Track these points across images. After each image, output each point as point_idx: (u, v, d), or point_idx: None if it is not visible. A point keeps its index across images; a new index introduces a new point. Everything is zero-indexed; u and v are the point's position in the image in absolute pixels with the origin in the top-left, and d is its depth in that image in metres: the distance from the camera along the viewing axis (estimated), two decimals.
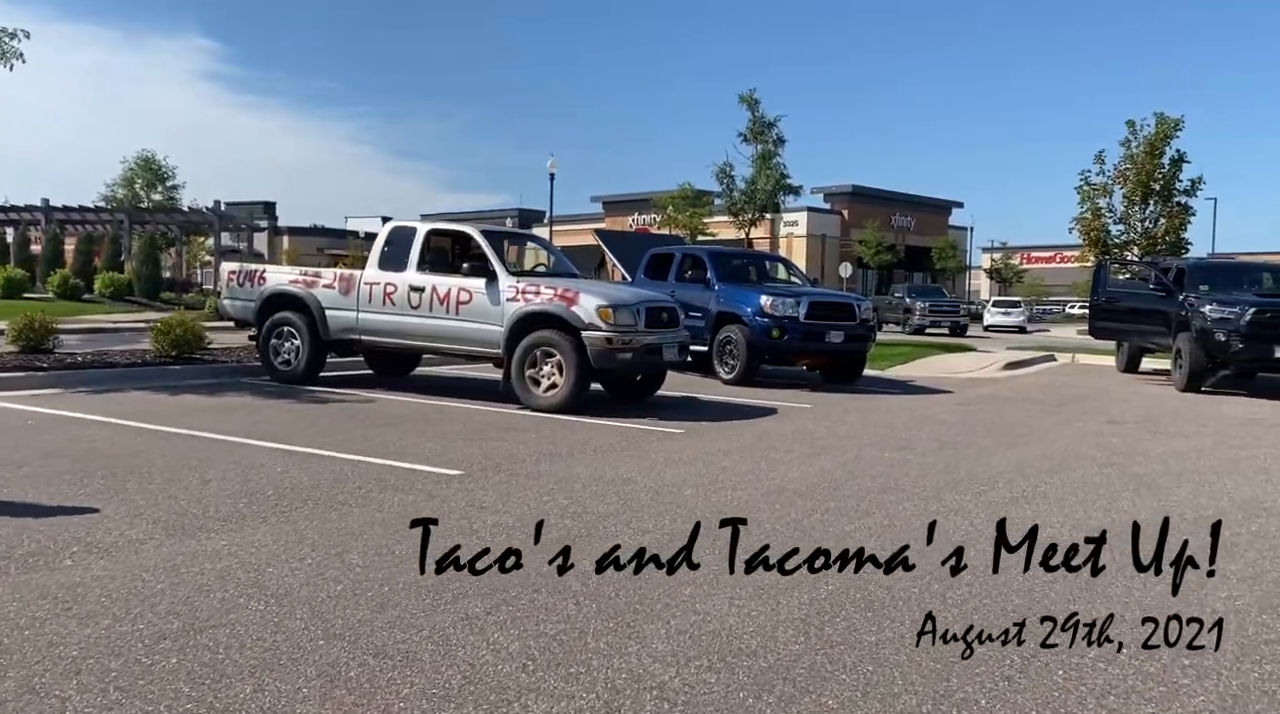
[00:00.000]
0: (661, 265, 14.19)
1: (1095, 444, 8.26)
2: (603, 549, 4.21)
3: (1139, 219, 21.54)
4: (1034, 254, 76.40)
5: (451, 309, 9.50)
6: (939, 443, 8.06)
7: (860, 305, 12.75)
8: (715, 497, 5.66)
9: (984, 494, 5.99)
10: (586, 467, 6.48)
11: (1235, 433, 9.27)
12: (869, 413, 10.05)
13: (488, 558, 3.92)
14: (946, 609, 3.75)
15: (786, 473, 6.48)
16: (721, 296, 12.84)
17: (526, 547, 4.20)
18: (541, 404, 8.99)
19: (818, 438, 8.16)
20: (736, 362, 12.36)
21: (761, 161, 18.60)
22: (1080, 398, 12.27)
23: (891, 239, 55.50)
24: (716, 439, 7.90)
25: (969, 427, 9.14)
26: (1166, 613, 3.66)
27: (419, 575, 3.85)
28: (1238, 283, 14.31)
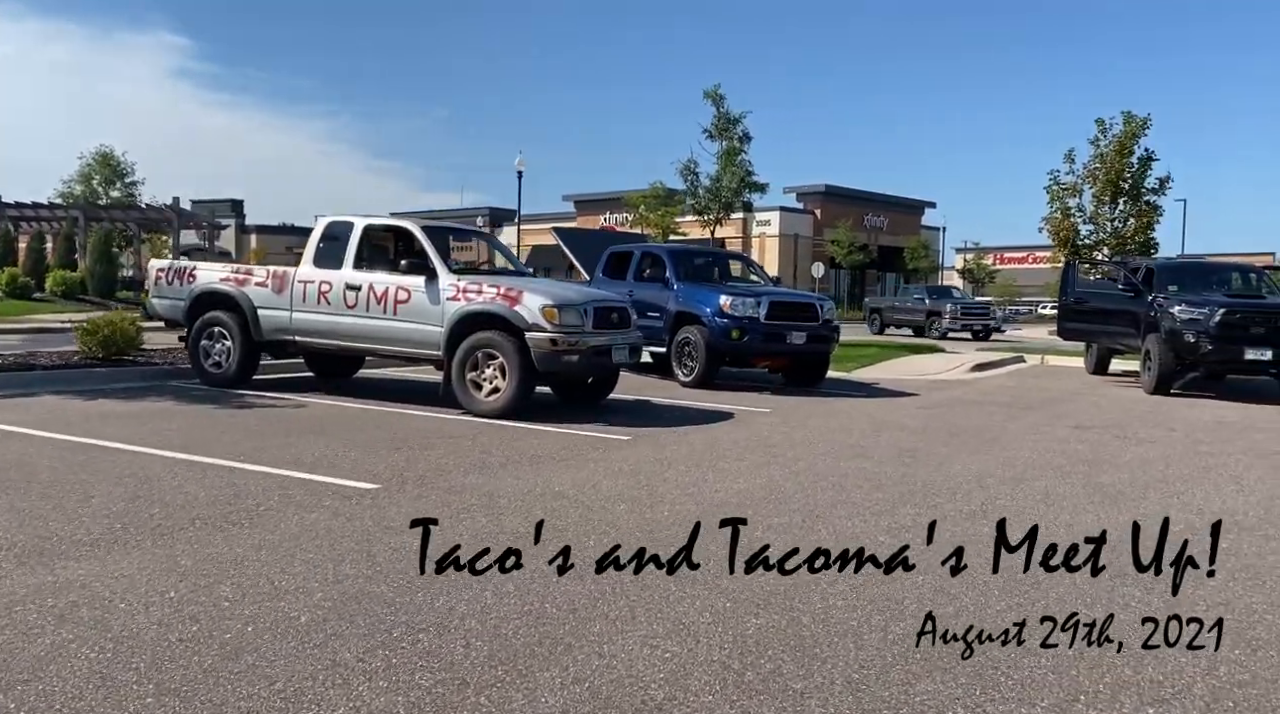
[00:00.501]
0: (620, 264, 13.76)
1: (1060, 451, 7.91)
2: (537, 570, 3.76)
3: (1108, 219, 21.37)
4: (1007, 255, 76.72)
5: (389, 308, 9.00)
6: (898, 450, 7.67)
7: (823, 305, 12.36)
8: (650, 513, 5.22)
9: (939, 507, 5.59)
10: (517, 479, 6.02)
11: (1205, 438, 8.96)
12: (828, 417, 9.66)
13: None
14: (887, 648, 3.33)
15: (732, 485, 6.06)
16: (680, 296, 12.42)
17: (427, 575, 3.75)
18: (483, 409, 8.51)
19: (772, 445, 7.75)
20: (695, 363, 11.94)
21: (726, 158, 18.18)
22: (1047, 401, 11.96)
23: (864, 239, 55.45)
24: (664, 447, 7.47)
25: (930, 432, 8.76)
26: (1123, 669, 3.27)
27: (293, 613, 3.38)
28: (1207, 283, 14.07)
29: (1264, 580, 4.35)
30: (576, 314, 8.60)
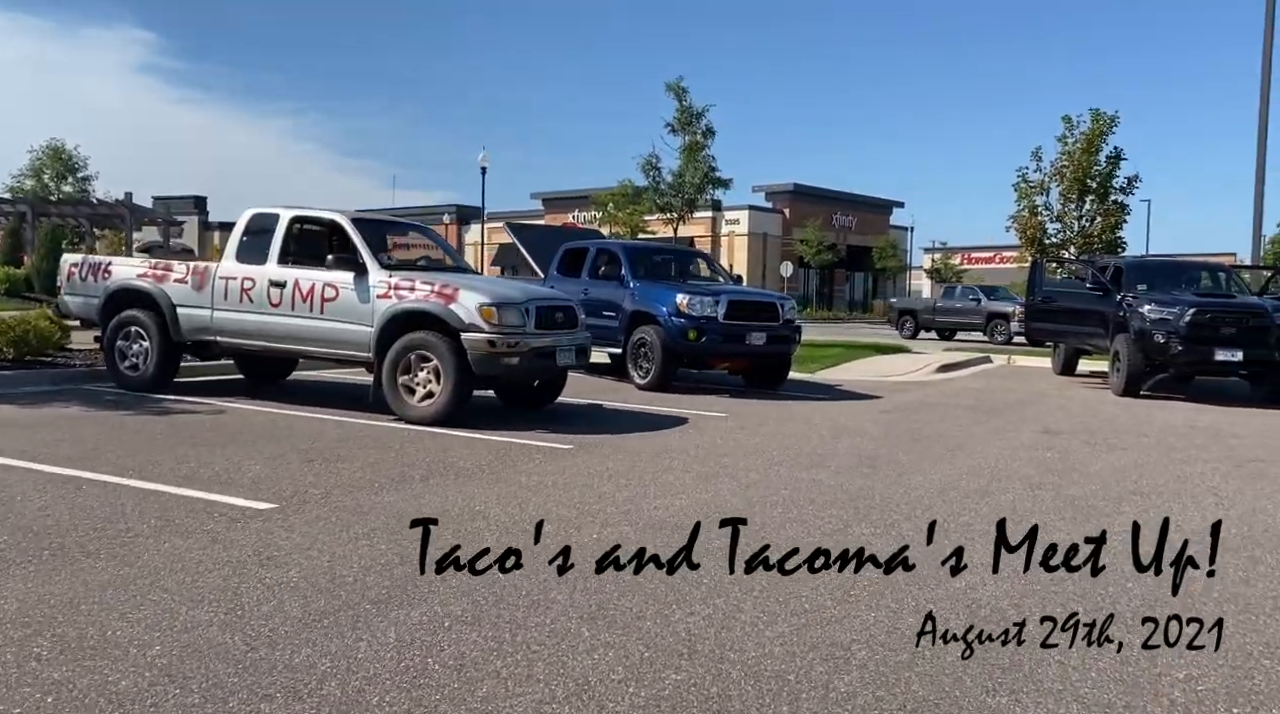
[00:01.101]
0: (575, 261, 13.19)
1: (1028, 459, 7.46)
2: (417, 615, 3.20)
3: (1075, 217, 21.09)
4: (974, 254, 76.98)
5: (315, 307, 8.38)
6: (857, 459, 7.18)
7: (783, 305, 11.87)
8: (576, 536, 4.66)
9: (896, 526, 5.09)
10: (437, 496, 5.45)
11: (1177, 444, 8.56)
12: (787, 422, 9.16)
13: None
14: (830, 708, 2.81)
15: (674, 501, 5.52)
16: (636, 295, 11.88)
17: (297, 620, 3.17)
18: (416, 415, 7.92)
19: (724, 454, 7.22)
20: (651, 365, 11.41)
21: (689, 153, 17.64)
22: (1015, 404, 11.56)
23: (833, 238, 55.21)
24: (607, 457, 6.92)
25: (892, 439, 8.29)
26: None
27: (113, 677, 2.80)
28: (1176, 282, 13.76)
29: (1257, 614, 3.88)
30: (517, 313, 8.03)
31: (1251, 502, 6.13)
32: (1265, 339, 11.81)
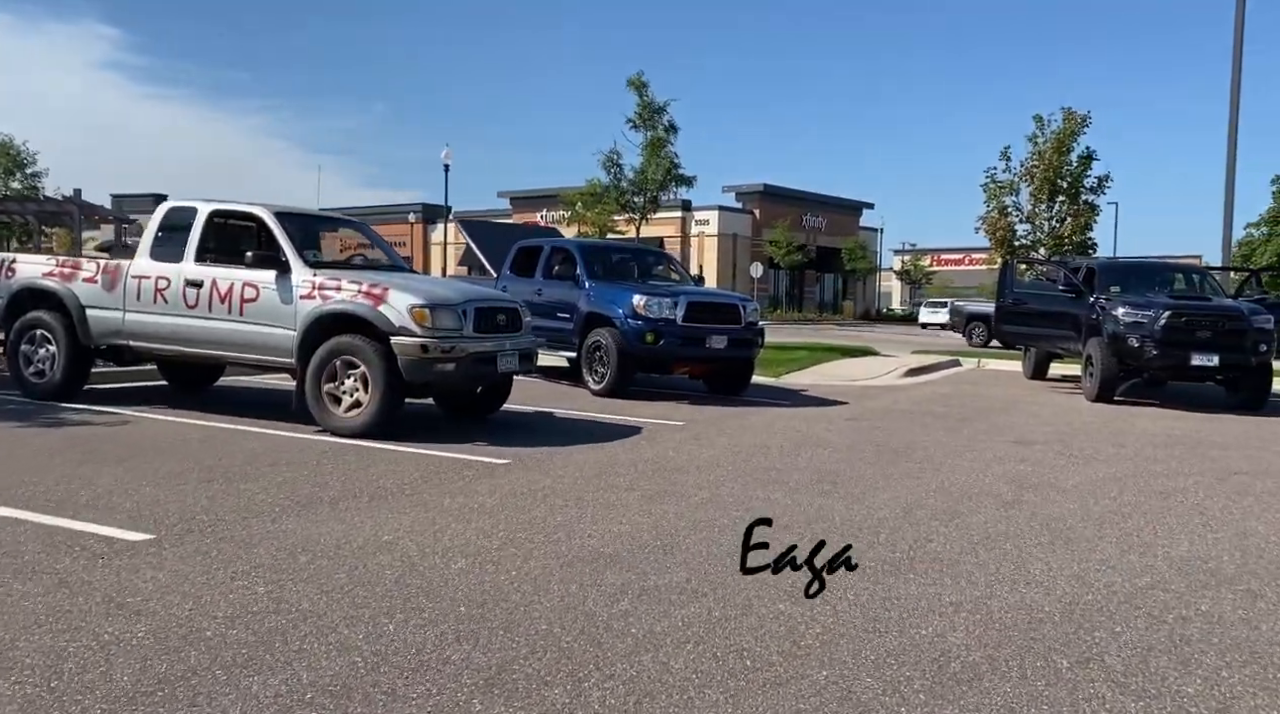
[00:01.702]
0: (529, 260, 12.60)
1: (1001, 474, 6.96)
2: (275, 685, 2.60)
3: (1045, 218, 20.77)
4: (943, 256, 77.22)
5: (234, 308, 7.72)
6: (817, 474, 6.65)
7: (745, 306, 11.34)
8: (493, 574, 4.07)
9: (858, 554, 4.54)
10: (343, 523, 4.84)
11: (1157, 456, 8.11)
12: (746, 432, 8.62)
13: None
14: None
15: (611, 528, 4.94)
16: (592, 296, 11.30)
17: (139, 686, 2.56)
18: (342, 427, 7.29)
19: (674, 470, 6.66)
20: (607, 370, 10.82)
21: (651, 149, 17.09)
22: (985, 411, 11.10)
23: (802, 239, 54.94)
24: (547, 473, 6.33)
25: (857, 451, 7.77)
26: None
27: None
28: (1150, 284, 13.39)
29: (1265, 664, 3.37)
30: (453, 315, 7.42)
31: (1240, 522, 5.65)
32: (1241, 343, 11.44)
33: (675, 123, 17.57)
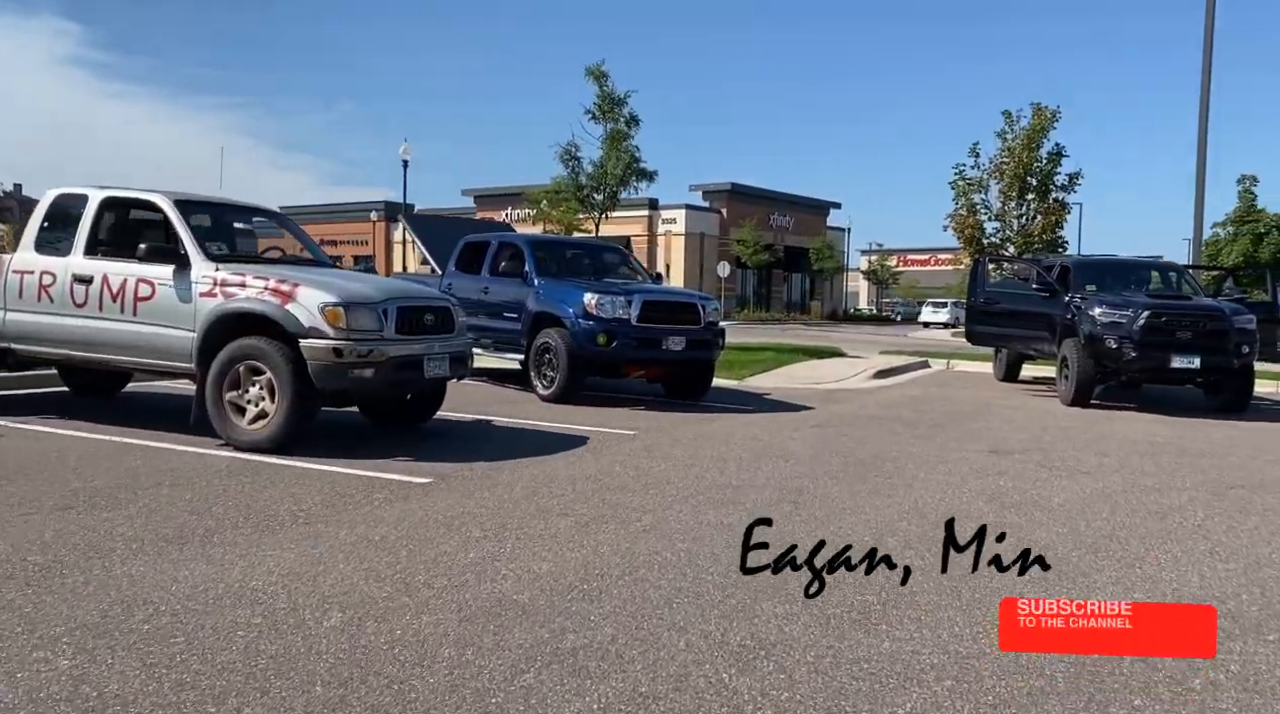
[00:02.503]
0: (476, 256, 11.80)
1: (979, 490, 6.30)
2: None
3: (1015, 216, 20.29)
4: (910, 257, 77.25)
5: (128, 308, 6.87)
6: (778, 492, 5.94)
7: (705, 306, 10.61)
8: (372, 635, 3.31)
9: (813, 605, 3.83)
10: (210, 563, 4.04)
11: (1143, 466, 7.50)
12: (703, 442, 7.90)
13: None
14: None
15: (531, 566, 4.19)
16: (541, 294, 10.53)
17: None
18: (246, 440, 6.47)
19: (619, 487, 5.92)
20: (556, 374, 10.06)
21: (610, 142, 16.35)
22: (957, 416, 10.47)
23: (770, 238, 54.46)
24: (470, 494, 5.57)
25: (821, 462, 7.08)
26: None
27: None
28: (1126, 282, 12.85)
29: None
30: (371, 315, 6.62)
31: (1250, 549, 5.02)
32: (1223, 345, 10.92)
33: (637, 115, 16.85)
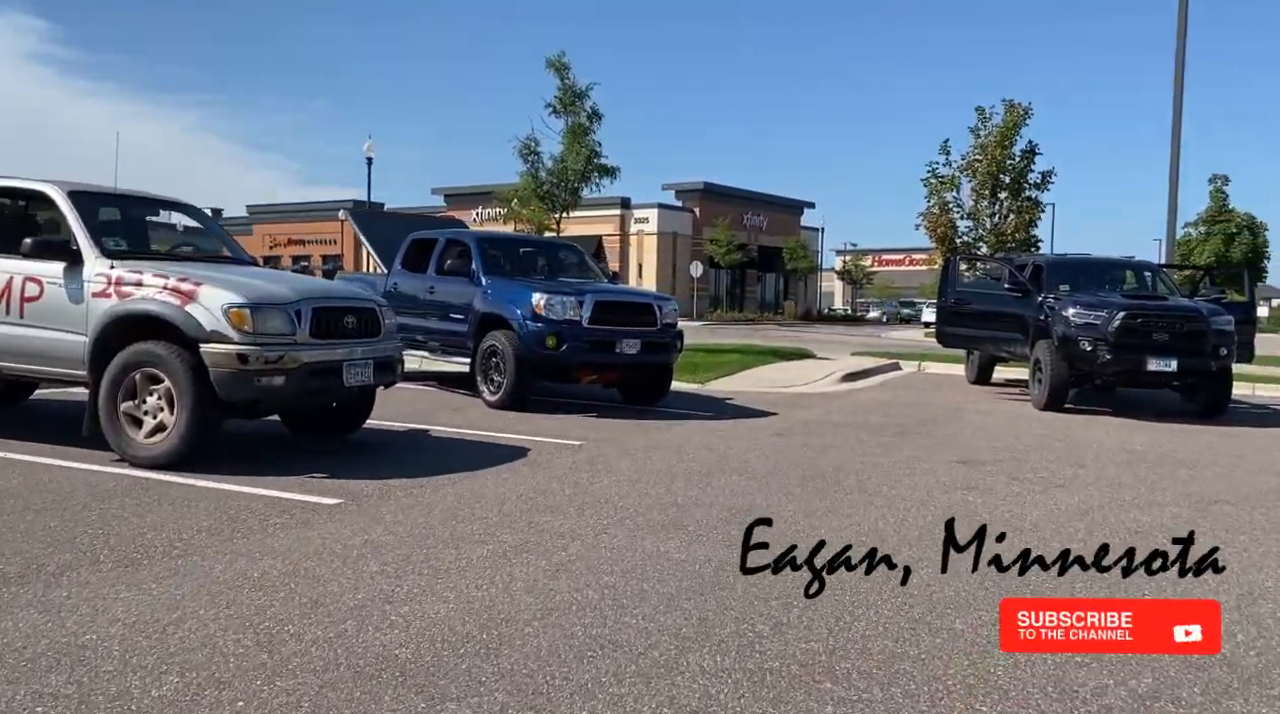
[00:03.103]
0: (422, 254, 11.20)
1: (946, 507, 5.79)
2: None
3: (988, 214, 19.90)
4: (884, 257, 77.17)
5: (13, 309, 6.23)
6: (728, 512, 5.41)
7: (662, 306, 10.05)
8: (211, 702, 2.73)
9: (747, 660, 3.29)
10: (43, 612, 3.45)
11: (1122, 479, 7.03)
12: (654, 452, 7.36)
13: None
14: None
15: (427, 608, 3.62)
16: (489, 294, 9.94)
17: None
18: (143, 455, 5.85)
19: (551, 508, 5.36)
20: (503, 378, 9.48)
21: (571, 137, 15.78)
22: (927, 422, 9.99)
23: (743, 238, 54.06)
24: (381, 518, 4.99)
25: (779, 477, 6.55)
26: None
27: None
28: (1101, 282, 12.44)
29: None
30: (282, 317, 6.01)
31: (1240, 574, 4.54)
32: (1200, 347, 10.51)
33: (599, 109, 16.28)
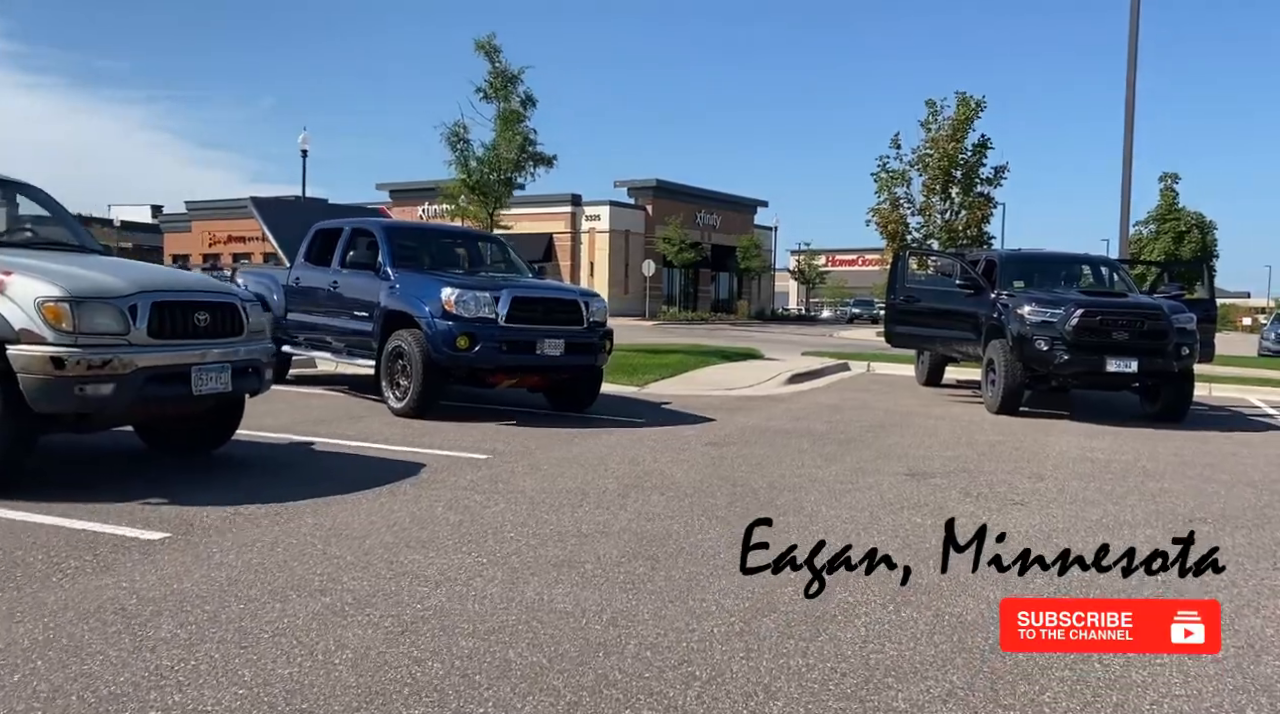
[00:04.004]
0: (328, 245, 10.22)
1: (892, 530, 5.03)
2: None
3: (939, 210, 19.35)
4: (838, 257, 77.12)
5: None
6: (636, 543, 4.58)
7: (589, 303, 9.17)
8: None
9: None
10: None
11: (1085, 493, 6.34)
12: (569, 468, 6.51)
13: None
14: None
15: (214, 695, 2.74)
16: (396, 289, 8.99)
17: None
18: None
19: (424, 542, 4.49)
20: (410, 383, 8.55)
21: (504, 123, 14.85)
22: (874, 428, 9.26)
23: (696, 237, 53.36)
24: (206, 557, 4.08)
25: (705, 496, 5.74)
26: None
27: None
28: (1056, 278, 11.84)
29: None
30: (112, 313, 5.05)
31: (1235, 619, 3.82)
32: (1162, 347, 9.92)
33: (533, 95, 15.37)
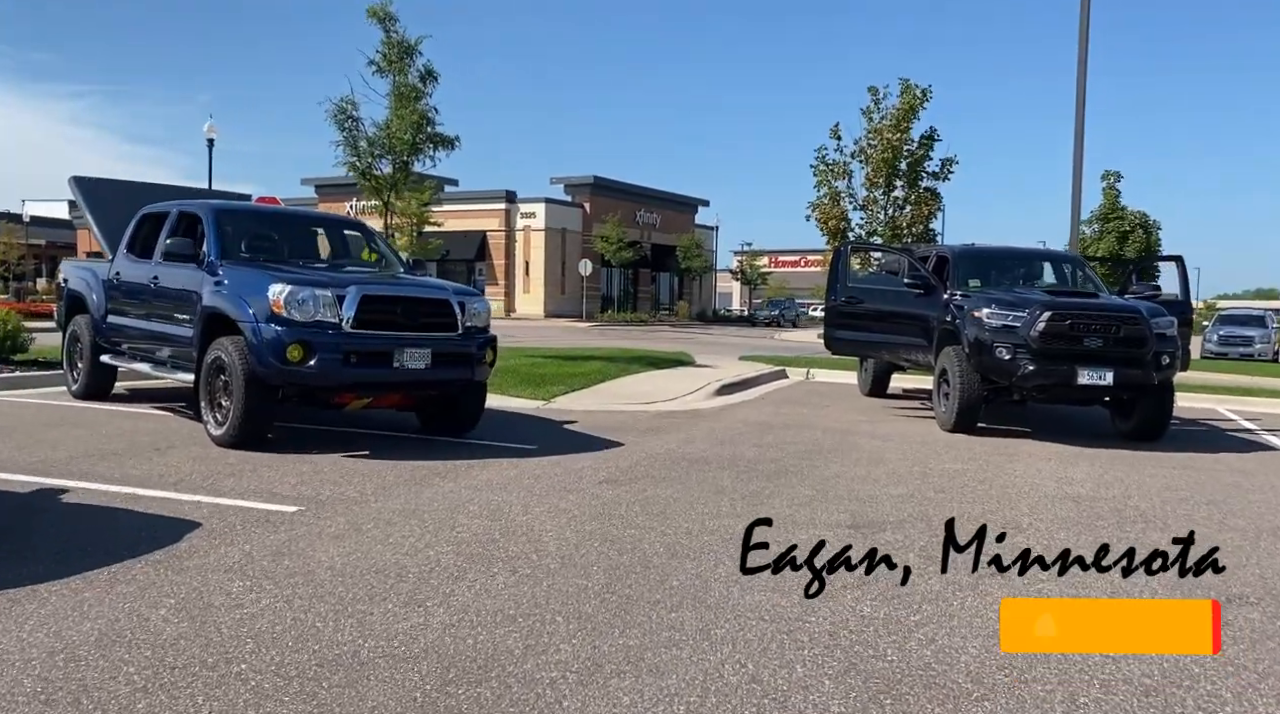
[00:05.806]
0: (154, 234, 8.39)
1: (830, 619, 3.46)
2: None
3: (882, 206, 18.03)
4: (780, 258, 76.30)
5: None
6: (439, 667, 2.94)
7: (464, 305, 7.44)
8: None
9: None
10: None
11: (1079, 548, 4.84)
12: (396, 527, 4.84)
13: None
14: None
15: None
16: (222, 285, 7.20)
17: None
18: None
19: (106, 672, 2.80)
20: (231, 404, 6.78)
21: (399, 100, 13.09)
22: (809, 454, 7.73)
23: (636, 236, 51.81)
24: None
25: (573, 570, 4.13)
26: None
27: None
28: (1016, 276, 10.47)
29: None
30: None
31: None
32: (1140, 356, 8.56)
33: (434, 69, 13.62)
